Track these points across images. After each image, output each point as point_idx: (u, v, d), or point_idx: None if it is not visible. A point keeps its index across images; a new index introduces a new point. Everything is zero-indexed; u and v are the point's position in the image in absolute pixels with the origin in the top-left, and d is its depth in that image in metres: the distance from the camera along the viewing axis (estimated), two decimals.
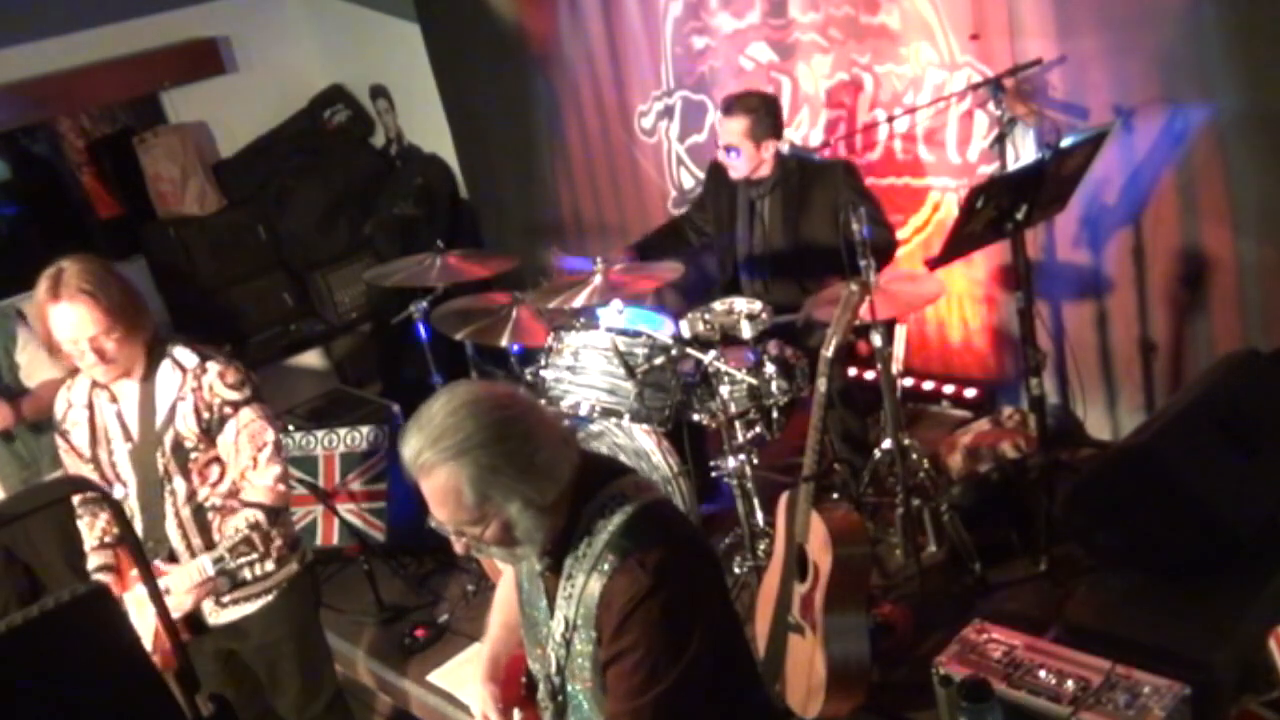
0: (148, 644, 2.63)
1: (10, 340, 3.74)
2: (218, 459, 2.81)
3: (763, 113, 3.88)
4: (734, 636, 2.07)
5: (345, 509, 4.35)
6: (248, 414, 2.79)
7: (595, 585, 1.89)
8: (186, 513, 2.80)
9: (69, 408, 2.84)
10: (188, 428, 2.75)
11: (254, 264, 6.20)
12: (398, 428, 4.51)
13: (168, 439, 2.75)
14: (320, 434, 4.44)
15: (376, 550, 4.26)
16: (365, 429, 4.44)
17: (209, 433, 2.77)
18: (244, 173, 6.34)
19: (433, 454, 1.80)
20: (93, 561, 2.87)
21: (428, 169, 6.46)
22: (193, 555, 2.80)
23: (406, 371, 5.26)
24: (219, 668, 3.02)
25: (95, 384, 2.80)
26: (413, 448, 1.83)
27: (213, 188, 6.14)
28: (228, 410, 2.77)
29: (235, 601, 2.90)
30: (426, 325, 4.03)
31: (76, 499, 2.88)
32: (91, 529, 2.88)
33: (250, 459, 2.81)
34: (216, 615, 2.90)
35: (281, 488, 2.86)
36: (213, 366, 2.78)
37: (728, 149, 3.91)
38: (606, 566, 1.88)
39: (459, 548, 1.93)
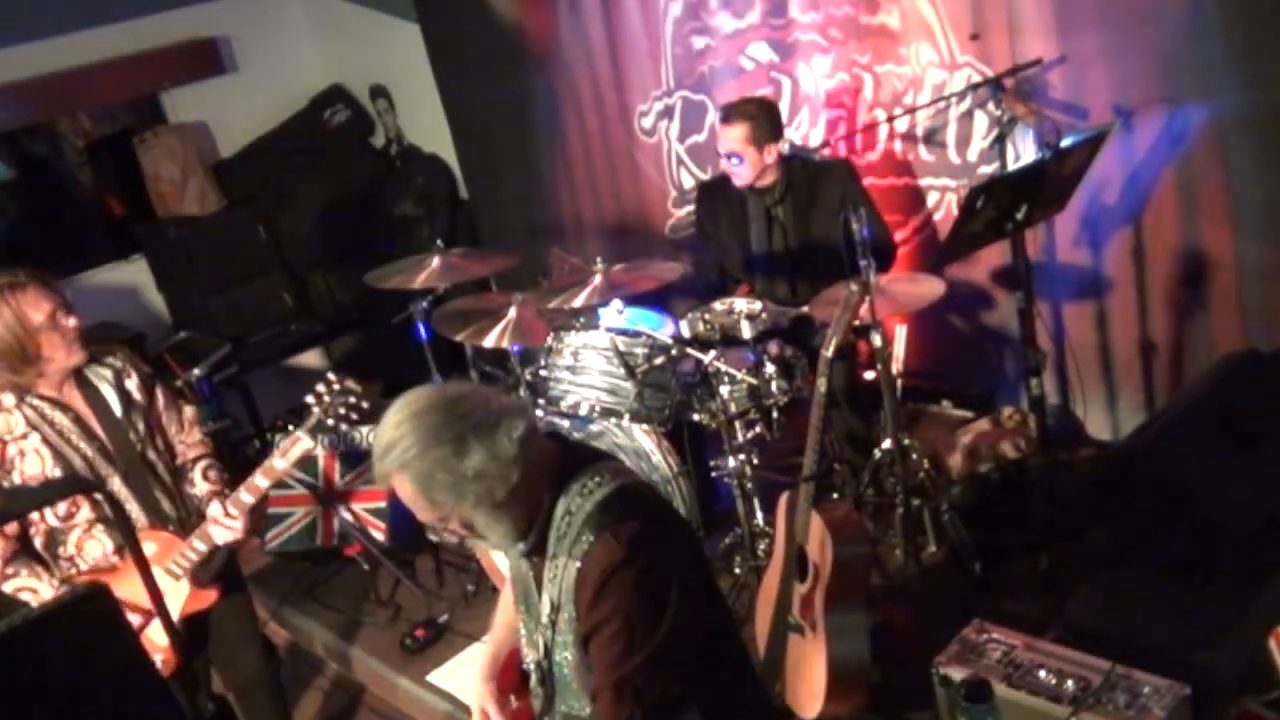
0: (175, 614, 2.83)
1: None
2: (162, 426, 3.03)
3: (761, 117, 3.85)
4: (719, 620, 2.08)
5: (345, 509, 4.34)
6: (160, 383, 3.09)
7: (574, 562, 1.94)
8: (167, 478, 2.99)
9: (2, 446, 2.77)
10: (143, 397, 2.97)
11: (254, 264, 6.20)
12: None
13: (135, 417, 2.93)
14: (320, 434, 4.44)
15: (376, 550, 4.26)
16: (365, 429, 4.43)
17: (150, 401, 3.01)
18: (244, 173, 6.34)
19: (384, 465, 1.93)
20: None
21: (428, 169, 6.46)
22: (188, 514, 2.98)
23: (407, 372, 5.27)
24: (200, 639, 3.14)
25: (32, 408, 2.78)
26: (374, 458, 1.95)
27: (213, 188, 6.13)
28: (152, 382, 3.04)
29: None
30: (427, 325, 4.03)
31: None
32: (39, 577, 2.83)
33: (178, 422, 3.08)
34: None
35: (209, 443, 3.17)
36: (123, 350, 3.03)
37: (730, 156, 3.88)
38: (584, 542, 1.92)
39: (445, 538, 2.03)
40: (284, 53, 6.57)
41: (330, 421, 2.87)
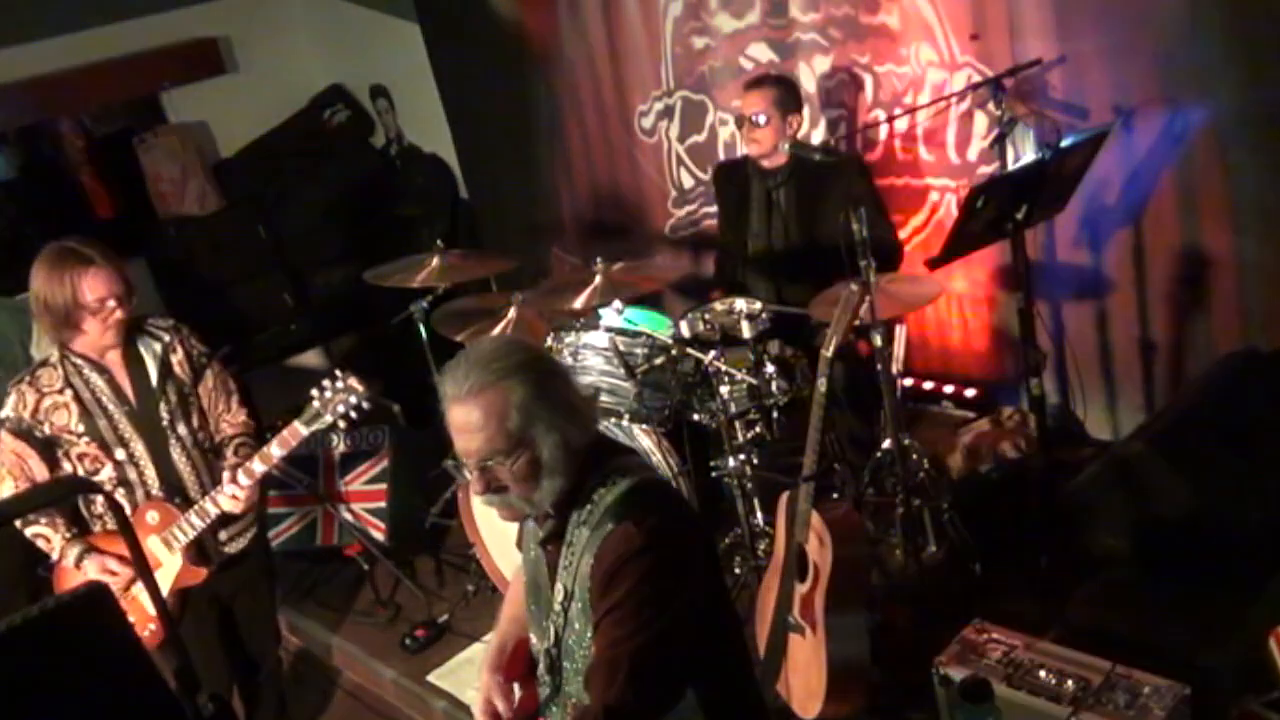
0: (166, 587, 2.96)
1: (26, 334, 3.77)
2: (200, 405, 3.12)
3: (787, 87, 3.90)
4: (724, 621, 2.08)
5: (345, 509, 4.35)
6: (216, 364, 3.19)
7: (591, 549, 1.93)
8: (195, 454, 3.08)
9: (39, 398, 2.93)
10: (184, 373, 3.08)
11: (254, 264, 6.20)
12: (398, 428, 4.51)
13: (170, 388, 3.03)
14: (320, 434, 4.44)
15: (377, 550, 4.26)
16: (365, 429, 4.43)
17: (195, 379, 3.11)
18: (244, 173, 6.34)
19: (484, 375, 1.87)
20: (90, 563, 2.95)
21: (428, 169, 6.46)
22: (204, 493, 3.04)
23: (406, 372, 5.28)
24: (216, 617, 3.22)
25: (73, 365, 2.95)
26: (459, 374, 1.89)
27: (213, 188, 6.14)
28: (204, 360, 3.15)
29: (241, 532, 3.19)
30: (427, 325, 4.03)
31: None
32: (55, 528, 2.98)
33: (225, 403, 3.18)
34: (233, 545, 3.17)
35: (251, 425, 3.26)
36: (182, 327, 3.15)
37: (754, 116, 3.82)
38: (603, 530, 1.92)
39: (477, 486, 1.95)
40: (284, 53, 6.57)
41: (328, 417, 2.94)
